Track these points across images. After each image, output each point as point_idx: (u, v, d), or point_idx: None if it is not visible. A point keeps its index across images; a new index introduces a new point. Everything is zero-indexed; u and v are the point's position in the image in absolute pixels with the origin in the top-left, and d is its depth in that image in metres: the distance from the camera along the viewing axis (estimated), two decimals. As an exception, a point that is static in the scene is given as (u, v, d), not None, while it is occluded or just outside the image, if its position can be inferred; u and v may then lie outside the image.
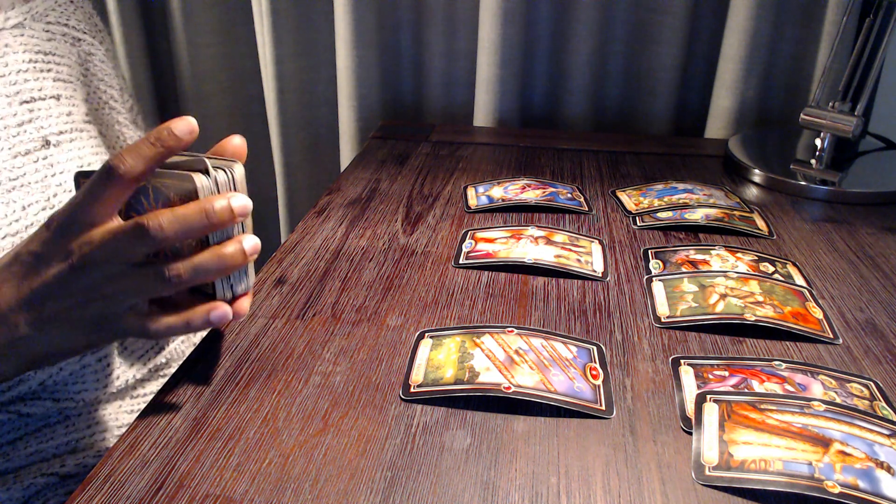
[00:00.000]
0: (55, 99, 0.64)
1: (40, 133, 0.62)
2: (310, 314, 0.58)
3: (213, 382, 0.50)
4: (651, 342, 0.55)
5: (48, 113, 0.63)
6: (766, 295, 0.58)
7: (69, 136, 0.64)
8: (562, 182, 0.85)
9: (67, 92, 0.66)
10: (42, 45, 0.65)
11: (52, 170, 0.62)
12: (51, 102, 0.64)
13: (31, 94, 0.62)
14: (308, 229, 0.73)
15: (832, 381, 0.49)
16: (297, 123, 1.17)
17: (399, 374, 0.51)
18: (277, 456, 0.43)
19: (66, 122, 0.64)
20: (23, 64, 0.62)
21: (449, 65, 1.09)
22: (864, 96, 0.83)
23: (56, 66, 0.66)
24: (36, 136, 0.61)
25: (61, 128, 0.64)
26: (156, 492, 0.41)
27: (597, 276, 0.64)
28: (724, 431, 0.44)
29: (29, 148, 0.60)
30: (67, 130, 0.64)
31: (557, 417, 0.47)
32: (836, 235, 0.72)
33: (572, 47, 1.03)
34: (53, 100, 0.64)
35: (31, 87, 0.62)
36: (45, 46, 0.65)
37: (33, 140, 0.61)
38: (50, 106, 0.63)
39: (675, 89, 1.04)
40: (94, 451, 0.63)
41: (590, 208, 0.78)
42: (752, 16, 0.94)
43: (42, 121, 0.62)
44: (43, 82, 0.64)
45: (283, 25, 1.09)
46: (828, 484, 0.39)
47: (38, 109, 0.62)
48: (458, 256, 0.67)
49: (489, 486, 0.41)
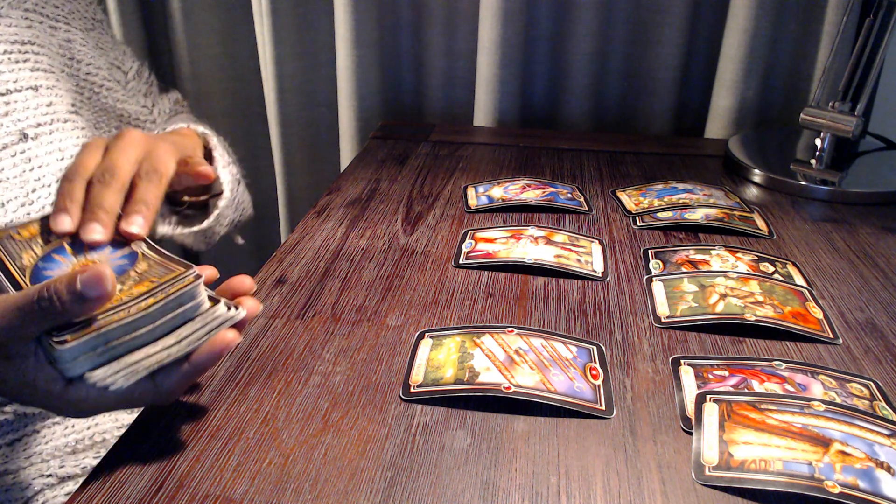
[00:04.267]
0: (33, 90, 0.62)
1: (17, 126, 0.60)
2: (310, 314, 0.58)
3: (213, 382, 0.50)
4: (651, 342, 0.55)
5: (25, 105, 0.61)
6: (766, 295, 0.58)
7: (48, 129, 0.62)
8: (562, 182, 0.85)
9: (49, 82, 0.64)
10: (20, 33, 0.63)
11: (29, 164, 0.60)
12: (28, 94, 0.62)
13: (6, 85, 0.60)
14: (308, 229, 0.73)
15: (832, 381, 0.49)
16: (297, 123, 1.17)
17: (399, 374, 0.51)
18: (277, 456, 0.43)
19: (46, 114, 0.63)
20: None
21: (449, 65, 1.09)
22: (864, 96, 0.83)
23: (34, 56, 0.64)
24: (13, 130, 0.60)
25: (39, 120, 0.62)
26: (156, 492, 0.41)
27: (597, 276, 0.64)
28: (724, 431, 0.44)
29: (6, 142, 0.59)
30: (47, 122, 0.62)
31: (557, 417, 0.47)
32: (836, 235, 0.72)
33: (572, 47, 1.03)
34: (31, 90, 0.62)
35: (5, 78, 0.61)
36: (24, 35, 0.63)
37: (10, 134, 0.59)
38: (27, 97, 0.62)
39: (675, 89, 1.04)
40: (93, 451, 0.63)
41: (590, 208, 0.78)
42: (752, 16, 0.94)
43: (19, 113, 0.61)
44: (19, 73, 0.62)
45: (283, 25, 1.09)
46: (828, 484, 0.39)
47: (14, 102, 0.60)
48: (458, 256, 0.67)
49: (489, 486, 0.41)
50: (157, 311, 0.41)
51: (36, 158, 0.61)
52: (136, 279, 0.43)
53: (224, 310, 0.43)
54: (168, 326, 0.41)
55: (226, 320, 0.43)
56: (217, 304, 0.43)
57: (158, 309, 0.41)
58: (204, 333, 0.42)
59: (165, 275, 0.43)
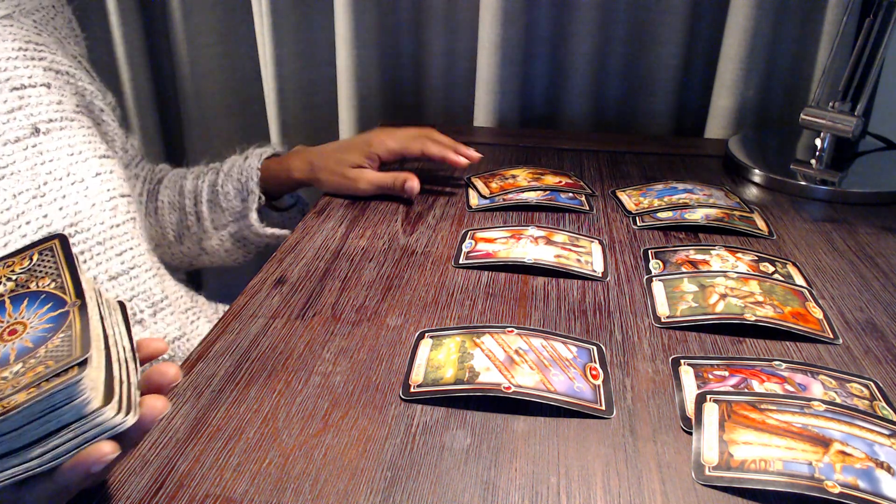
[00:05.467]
0: (46, 87, 0.64)
1: (30, 120, 0.62)
2: (310, 314, 0.58)
3: (213, 382, 0.50)
4: (651, 342, 0.55)
5: (38, 101, 0.63)
6: (766, 295, 0.58)
7: (59, 125, 0.64)
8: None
9: (58, 82, 0.66)
10: (31, 35, 0.65)
11: (41, 157, 0.61)
12: (41, 90, 0.63)
13: (22, 80, 0.62)
14: (308, 229, 0.73)
15: (832, 381, 0.49)
16: (297, 123, 1.17)
17: (399, 374, 0.51)
18: (277, 456, 0.43)
19: (57, 111, 0.64)
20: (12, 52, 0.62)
21: (449, 65, 1.09)
22: (864, 96, 0.83)
23: (50, 55, 0.66)
24: (26, 124, 0.61)
25: (51, 116, 0.63)
26: (156, 492, 0.41)
27: (597, 276, 0.64)
28: (724, 431, 0.44)
29: (18, 135, 0.60)
30: (57, 119, 0.64)
31: (557, 417, 0.47)
32: (836, 235, 0.72)
33: (572, 47, 1.03)
34: (44, 87, 0.64)
35: (21, 74, 0.62)
36: (35, 38, 0.65)
37: (23, 127, 0.61)
38: (41, 93, 0.63)
39: (675, 89, 1.04)
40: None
41: (591, 207, 0.78)
42: (752, 16, 0.94)
43: (32, 108, 0.62)
44: (34, 70, 0.63)
45: (283, 25, 1.09)
46: (828, 484, 0.39)
47: (28, 97, 0.62)
48: (458, 256, 0.67)
49: (489, 486, 0.41)
50: (25, 412, 0.33)
51: (47, 153, 0.62)
52: (37, 361, 0.36)
53: (110, 415, 0.35)
54: (37, 433, 0.34)
55: (106, 430, 0.35)
56: (107, 404, 0.35)
57: (26, 410, 0.33)
58: (76, 445, 0.34)
59: (63, 358, 0.35)
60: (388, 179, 0.77)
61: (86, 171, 0.65)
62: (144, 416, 0.36)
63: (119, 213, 0.67)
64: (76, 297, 0.39)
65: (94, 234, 0.65)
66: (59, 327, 0.38)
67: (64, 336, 0.37)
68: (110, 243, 0.66)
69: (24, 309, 0.40)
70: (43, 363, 0.35)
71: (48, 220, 0.61)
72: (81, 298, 0.39)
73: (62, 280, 0.41)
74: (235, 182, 0.80)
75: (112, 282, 0.66)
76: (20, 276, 0.42)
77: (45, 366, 0.35)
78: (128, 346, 0.40)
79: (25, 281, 0.41)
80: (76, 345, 0.36)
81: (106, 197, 0.66)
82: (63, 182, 0.63)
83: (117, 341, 0.39)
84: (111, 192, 0.67)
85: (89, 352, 0.35)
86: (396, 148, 0.79)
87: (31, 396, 0.33)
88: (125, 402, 0.36)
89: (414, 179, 0.76)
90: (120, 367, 0.37)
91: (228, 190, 0.80)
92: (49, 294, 0.40)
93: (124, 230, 0.68)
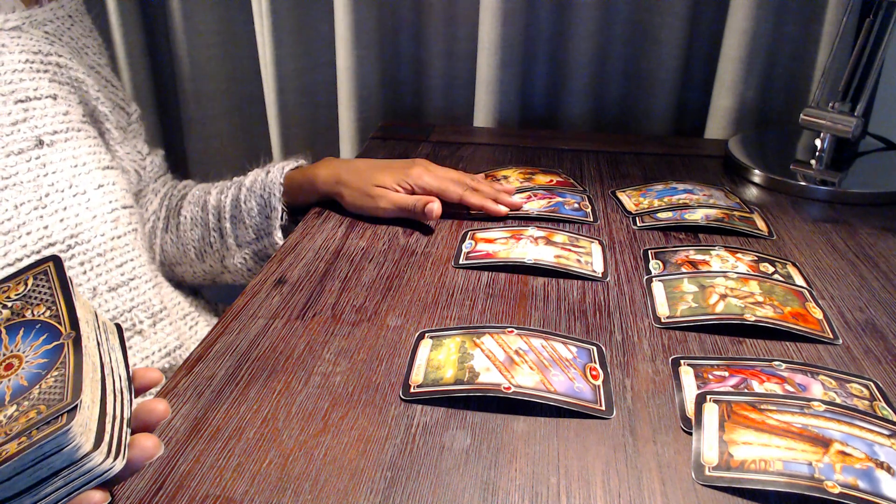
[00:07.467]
0: (52, 98, 0.64)
1: (34, 132, 0.62)
2: (310, 314, 0.58)
3: (213, 382, 0.50)
4: (651, 342, 0.55)
5: (43, 112, 0.63)
6: (766, 295, 0.58)
7: (64, 136, 0.64)
8: (571, 190, 0.82)
9: (64, 92, 0.66)
10: (42, 46, 0.65)
11: (44, 169, 0.62)
12: (47, 102, 0.64)
13: (27, 93, 0.62)
14: (308, 229, 0.73)
15: (832, 381, 0.49)
16: (297, 123, 1.17)
17: (399, 375, 0.51)
18: (277, 456, 0.43)
19: (62, 122, 0.65)
20: (18, 64, 0.62)
21: (449, 65, 1.09)
22: (864, 96, 0.83)
23: (55, 68, 0.66)
24: (30, 136, 0.61)
25: (56, 127, 0.64)
26: (156, 492, 0.41)
27: (597, 277, 0.64)
28: (724, 431, 0.44)
29: (22, 147, 0.61)
30: (63, 130, 0.64)
31: (557, 418, 0.47)
32: (836, 235, 0.72)
33: (572, 47, 1.03)
34: (50, 99, 0.64)
35: (26, 86, 0.62)
36: (46, 48, 0.65)
37: (27, 139, 0.61)
38: (46, 105, 0.63)
39: (675, 89, 1.04)
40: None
41: (595, 219, 0.75)
42: (752, 16, 0.94)
43: (37, 120, 0.62)
44: (39, 82, 0.64)
45: (283, 25, 1.09)
46: (828, 484, 0.39)
47: (33, 109, 0.62)
48: (458, 256, 0.67)
49: (489, 486, 0.41)
50: (16, 463, 0.32)
51: (51, 164, 0.62)
52: (30, 405, 0.35)
53: (99, 460, 0.34)
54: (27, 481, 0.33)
55: (96, 476, 0.34)
56: (97, 447, 0.34)
57: (17, 462, 0.32)
58: (67, 493, 0.34)
59: (55, 403, 0.34)
60: (411, 202, 0.73)
61: (88, 182, 0.65)
62: (134, 458, 0.36)
63: (120, 225, 0.67)
64: (71, 329, 0.39)
65: (95, 246, 0.65)
66: (54, 364, 0.37)
67: (57, 375, 0.37)
68: (111, 255, 0.66)
69: (19, 340, 0.39)
70: (35, 407, 0.35)
71: (49, 231, 0.61)
72: (76, 329, 0.39)
73: (57, 308, 0.40)
74: (258, 198, 0.78)
75: (112, 293, 0.66)
76: (15, 303, 0.41)
77: (38, 410, 0.34)
78: (124, 374, 0.40)
79: (20, 309, 0.41)
80: (68, 388, 0.35)
81: (108, 209, 0.66)
82: (65, 194, 0.63)
83: (114, 369, 0.39)
84: (113, 204, 0.67)
85: (79, 398, 0.34)
86: (434, 187, 0.75)
87: (22, 448, 0.33)
88: (114, 444, 0.36)
89: (436, 202, 0.73)
90: (115, 399, 0.38)
91: (252, 206, 0.78)
92: (44, 324, 0.40)
93: (125, 241, 0.68)
